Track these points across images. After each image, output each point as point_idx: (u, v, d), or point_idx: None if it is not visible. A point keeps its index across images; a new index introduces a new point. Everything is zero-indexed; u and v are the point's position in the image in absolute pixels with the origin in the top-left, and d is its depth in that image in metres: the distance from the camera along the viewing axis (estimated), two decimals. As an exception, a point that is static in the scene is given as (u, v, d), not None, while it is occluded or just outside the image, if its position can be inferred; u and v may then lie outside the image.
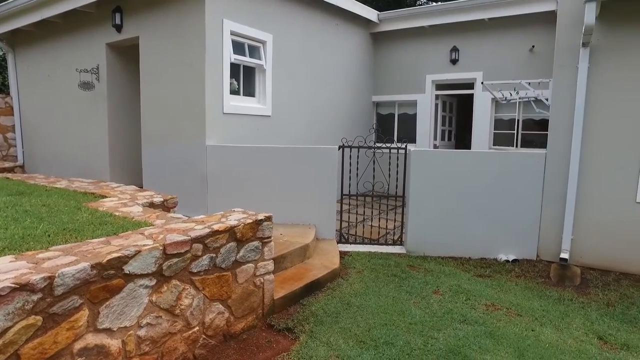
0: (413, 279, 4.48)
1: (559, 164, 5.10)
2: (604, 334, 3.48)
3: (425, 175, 5.31)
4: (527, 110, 8.40)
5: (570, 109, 4.99)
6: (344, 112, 8.99)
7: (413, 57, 9.46)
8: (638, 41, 4.69)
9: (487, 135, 8.70)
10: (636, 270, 4.84)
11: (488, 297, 4.09)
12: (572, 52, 5.02)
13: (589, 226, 5.02)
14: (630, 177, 4.80)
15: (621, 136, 4.82)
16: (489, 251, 5.35)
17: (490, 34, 8.60)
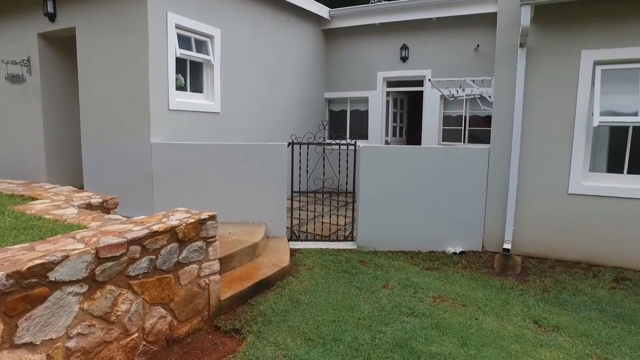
0: (363, 274, 4.52)
1: (501, 159, 5.32)
2: (539, 318, 3.66)
3: (375, 171, 5.36)
4: (473, 107, 8.73)
5: (510, 106, 5.21)
6: (296, 109, 8.93)
7: (364, 54, 9.56)
8: (566, 43, 4.96)
9: (436, 131, 8.95)
10: (568, 257, 5.14)
11: (435, 289, 4.19)
12: (511, 52, 5.24)
13: (529, 217, 5.28)
14: (563, 170, 5.08)
15: (555, 132, 5.09)
16: (438, 244, 5.50)
17: (438, 33, 8.84)
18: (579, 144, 4.99)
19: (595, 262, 5.04)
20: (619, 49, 4.79)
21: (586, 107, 4.93)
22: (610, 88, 4.88)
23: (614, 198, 4.92)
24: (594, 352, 3.18)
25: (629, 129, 4.99)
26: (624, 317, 3.80)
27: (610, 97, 4.88)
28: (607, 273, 4.78)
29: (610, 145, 5.16)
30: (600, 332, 3.48)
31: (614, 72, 4.87)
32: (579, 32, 4.93)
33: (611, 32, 4.81)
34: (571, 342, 3.31)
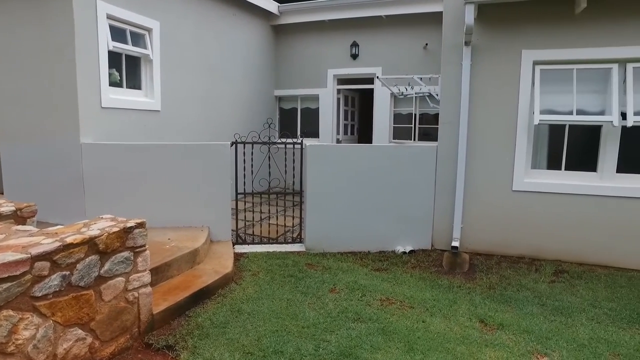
0: (310, 278, 4.36)
1: (448, 156, 5.33)
2: (484, 317, 3.65)
3: (322, 170, 5.22)
4: (423, 105, 8.80)
5: (457, 103, 5.23)
6: (245, 107, 8.64)
7: (315, 51, 9.41)
8: (508, 42, 5.04)
9: (387, 129, 8.96)
10: (513, 252, 5.24)
11: (383, 291, 4.10)
12: (456, 50, 5.25)
13: (476, 214, 5.33)
14: (507, 167, 5.16)
15: (499, 129, 5.16)
16: (388, 243, 5.44)
17: (388, 31, 8.85)
18: (521, 142, 5.08)
19: (537, 256, 5.17)
20: (555, 50, 4.91)
21: (527, 105, 5.03)
22: (549, 87, 5.00)
23: (553, 194, 5.06)
24: (534, 349, 3.18)
25: (565, 127, 5.14)
26: (562, 310, 3.87)
27: (549, 96, 5.00)
28: (548, 267, 4.90)
29: (549, 143, 5.30)
30: (541, 327, 3.52)
31: (552, 72, 4.99)
32: (519, 32, 5.02)
33: (548, 33, 4.92)
34: (514, 339, 3.30)
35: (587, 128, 5.09)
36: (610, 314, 3.84)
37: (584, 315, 3.79)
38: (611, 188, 4.89)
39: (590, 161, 5.08)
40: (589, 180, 5.03)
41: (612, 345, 3.29)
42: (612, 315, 3.81)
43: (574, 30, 4.84)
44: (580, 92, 4.89)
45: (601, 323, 3.66)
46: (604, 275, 4.71)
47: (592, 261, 5.01)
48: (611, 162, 4.95)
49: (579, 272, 4.78)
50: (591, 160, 5.07)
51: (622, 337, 3.43)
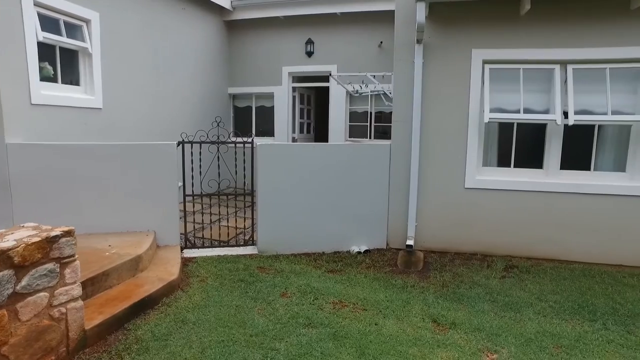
0: (261, 282, 4.19)
1: (402, 155, 5.31)
2: (437, 316, 3.63)
3: (274, 170, 5.05)
4: (378, 103, 8.82)
5: (409, 101, 5.21)
6: (197, 105, 8.32)
7: (269, 48, 9.21)
8: (459, 41, 5.07)
9: (343, 127, 8.91)
10: (466, 249, 5.30)
11: (336, 294, 4.00)
12: (408, 48, 5.23)
13: (430, 212, 5.34)
14: (460, 165, 5.21)
15: (451, 127, 5.19)
16: (343, 244, 5.36)
17: (343, 29, 8.79)
18: (472, 140, 5.14)
19: (490, 252, 5.25)
20: (503, 49, 5.00)
21: (478, 103, 5.09)
22: (498, 86, 5.08)
23: (503, 190, 5.15)
24: (485, 347, 3.18)
25: (514, 125, 5.25)
26: (512, 305, 3.92)
27: (498, 95, 5.08)
28: (499, 262, 4.99)
29: (499, 141, 5.39)
30: (491, 323, 3.53)
31: (500, 71, 5.08)
32: (469, 31, 5.06)
33: (496, 33, 5.00)
34: (466, 338, 3.29)
35: (533, 126, 5.22)
36: (555, 306, 3.93)
37: (532, 309, 3.86)
38: (556, 184, 5.04)
39: (537, 158, 5.21)
40: (536, 176, 5.16)
41: (556, 337, 3.36)
42: (557, 308, 3.90)
43: (520, 31, 4.94)
44: (526, 92, 5.00)
45: (547, 316, 3.73)
46: (550, 269, 4.84)
47: (539, 255, 5.15)
48: (555, 159, 5.10)
49: (528, 267, 4.89)
50: (538, 158, 5.21)
51: (564, 328, 3.51)
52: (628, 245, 4.98)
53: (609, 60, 4.82)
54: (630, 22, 4.72)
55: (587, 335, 3.41)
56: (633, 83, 4.89)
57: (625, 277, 4.69)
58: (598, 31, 4.79)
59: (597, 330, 3.53)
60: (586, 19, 4.79)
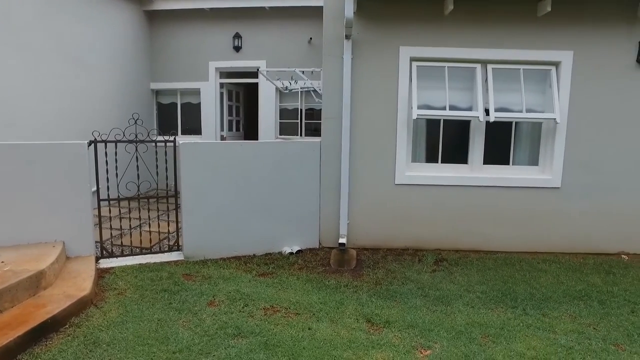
0: (187, 291, 3.89)
1: (332, 152, 5.23)
2: (371, 316, 3.59)
3: (199, 170, 4.73)
4: (309, 100, 8.73)
5: (339, 98, 5.14)
6: (114, 101, 7.66)
7: (195, 41, 8.74)
8: (387, 38, 5.10)
9: (273, 124, 8.70)
10: (398, 245, 5.36)
11: (268, 299, 3.81)
12: (337, 43, 5.16)
13: (361, 209, 5.33)
14: (390, 161, 5.25)
15: (381, 124, 5.21)
16: (275, 245, 5.17)
17: (272, 23, 8.57)
18: (402, 136, 5.19)
19: (420, 247, 5.35)
20: (430, 47, 5.10)
21: (406, 100, 5.15)
22: (425, 83, 5.18)
23: (432, 186, 5.27)
24: (418, 343, 3.18)
25: (441, 122, 5.39)
26: (442, 299, 4.00)
27: (426, 92, 5.19)
28: (430, 256, 5.10)
29: (427, 137, 5.51)
30: (424, 319, 3.56)
31: (427, 68, 5.18)
32: (397, 28, 5.10)
33: (423, 31, 5.08)
34: (400, 336, 3.27)
35: (459, 123, 5.40)
36: (481, 297, 4.07)
37: (461, 301, 3.96)
38: (479, 178, 5.26)
39: (462, 154, 5.40)
40: (462, 171, 5.35)
41: (483, 327, 3.46)
42: (483, 298, 4.04)
43: (444, 30, 5.07)
44: (452, 89, 5.15)
45: (475, 307, 3.84)
46: (476, 260, 5.04)
47: (466, 247, 5.35)
48: (479, 154, 5.32)
49: (456, 259, 5.05)
50: (463, 153, 5.40)
51: (491, 317, 3.63)
52: (541, 233, 5.33)
53: (522, 62, 5.11)
54: (537, 28, 5.04)
55: (510, 322, 3.56)
56: (542, 84, 5.22)
57: (539, 262, 5.02)
58: (512, 34, 5.05)
59: (518, 316, 3.69)
60: (502, 22, 5.03)
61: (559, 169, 5.22)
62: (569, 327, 3.53)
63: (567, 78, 5.08)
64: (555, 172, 5.22)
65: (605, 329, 3.53)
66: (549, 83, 5.15)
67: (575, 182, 5.25)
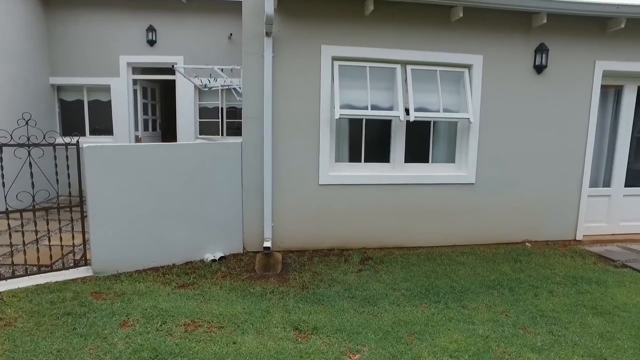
0: (95, 312, 3.49)
1: (254, 153, 5.04)
2: (298, 323, 3.48)
3: (109, 175, 4.29)
4: (230, 99, 8.41)
5: (260, 97, 4.97)
6: (4, 98, 6.74)
7: (103, 33, 8.00)
8: (309, 36, 5.02)
9: (192, 124, 8.26)
10: (324, 245, 5.33)
11: (188, 313, 3.55)
12: (258, 40, 4.97)
13: (286, 211, 5.21)
14: (313, 161, 5.18)
15: (304, 124, 5.12)
16: (196, 252, 4.88)
17: (190, 17, 8.11)
18: (324, 136, 5.15)
19: (346, 246, 5.37)
20: (351, 47, 5.10)
21: (329, 100, 5.11)
22: (347, 83, 5.19)
23: (355, 185, 5.31)
24: (347, 348, 3.14)
25: (363, 122, 5.44)
26: (369, 299, 4.01)
27: (348, 92, 5.19)
28: (355, 256, 5.13)
29: (350, 137, 5.54)
30: (351, 322, 3.53)
31: (349, 68, 5.18)
32: (319, 27, 5.03)
33: (345, 31, 5.07)
34: (328, 342, 3.21)
35: (381, 122, 5.48)
36: (406, 294, 4.15)
37: (387, 300, 4.00)
38: (401, 177, 5.39)
39: (384, 153, 5.50)
40: (384, 170, 5.45)
41: (409, 325, 3.51)
42: (408, 295, 4.12)
43: (366, 30, 5.10)
44: (373, 89, 5.21)
45: (400, 305, 3.90)
46: (400, 257, 5.17)
47: (390, 244, 5.47)
48: (400, 153, 5.45)
49: (381, 257, 5.13)
50: (385, 152, 5.50)
51: (415, 314, 3.71)
52: (459, 227, 5.61)
53: (439, 64, 5.31)
54: (451, 32, 5.27)
55: (433, 318, 3.66)
56: (457, 85, 5.48)
57: (458, 255, 5.27)
58: (429, 37, 5.23)
59: (441, 310, 3.82)
60: (419, 25, 5.19)
61: (473, 166, 5.52)
62: (485, 316, 3.72)
63: (478, 80, 5.38)
64: (470, 168, 5.52)
65: (515, 315, 3.77)
66: (463, 84, 5.42)
67: (487, 178, 5.60)
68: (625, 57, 5.76)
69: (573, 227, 5.99)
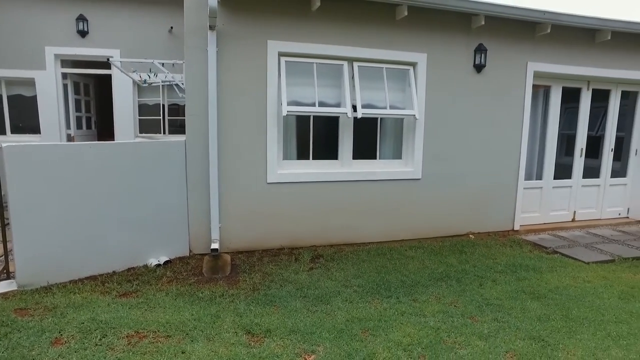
0: (20, 331, 3.15)
1: (199, 151, 4.83)
2: (251, 326, 3.37)
3: (34, 178, 3.90)
4: (172, 95, 8.04)
5: (204, 93, 4.75)
6: None
7: (24, 21, 7.33)
8: (254, 31, 4.88)
9: (132, 122, 7.80)
10: (274, 245, 5.23)
11: (132, 323, 3.31)
12: (201, 34, 4.74)
13: (234, 211, 5.04)
14: (261, 159, 5.06)
15: (250, 121, 4.98)
16: (138, 257, 4.59)
17: (127, 8, 7.64)
18: (272, 133, 5.04)
19: (296, 245, 5.30)
20: (298, 43, 5.03)
21: (276, 96, 5.00)
22: (295, 79, 5.11)
23: (304, 183, 5.25)
24: (302, 349, 3.08)
25: (311, 119, 5.39)
26: (322, 297, 3.98)
27: (295, 88, 5.11)
28: (306, 254, 5.07)
29: (298, 134, 5.47)
30: (305, 322, 3.47)
31: (296, 64, 5.11)
32: (264, 21, 4.90)
33: (291, 26, 4.99)
34: (282, 344, 3.12)
35: (328, 119, 5.46)
36: (359, 290, 4.16)
37: (340, 297, 3.98)
38: (349, 173, 5.41)
39: (333, 150, 5.49)
40: (333, 167, 5.44)
41: (363, 321, 3.51)
42: (360, 292, 4.13)
43: (313, 26, 5.05)
44: (321, 86, 5.17)
45: (353, 302, 3.90)
46: (350, 253, 5.18)
47: (341, 241, 5.48)
48: (348, 150, 5.46)
49: (332, 254, 5.12)
50: (334, 149, 5.49)
51: (368, 311, 3.72)
52: (407, 222, 5.74)
53: (385, 61, 5.38)
54: (397, 30, 5.36)
55: (386, 313, 3.69)
56: (403, 82, 5.59)
57: (407, 250, 5.39)
58: (375, 34, 5.28)
59: (393, 305, 3.86)
60: (366, 22, 5.22)
61: (419, 162, 5.66)
62: (436, 308, 3.81)
63: (422, 78, 5.51)
64: (416, 164, 5.65)
65: (463, 305, 3.90)
66: (409, 82, 5.53)
67: (432, 173, 5.77)
68: (551, 59, 6.17)
69: (511, 218, 6.34)
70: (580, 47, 6.31)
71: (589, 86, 6.74)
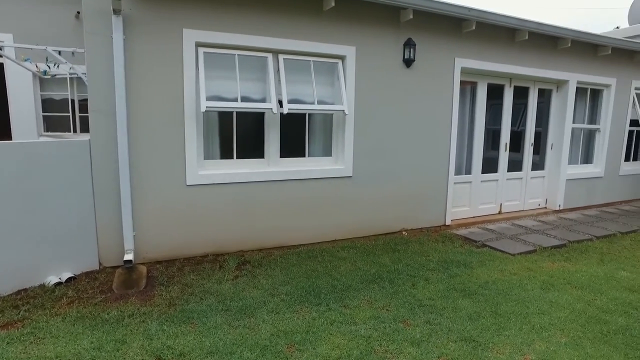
0: None
1: (107, 152, 4.27)
2: (162, 351, 2.96)
3: None
4: (82, 89, 7.21)
5: (110, 86, 4.20)
6: None
7: None
8: (168, 17, 4.39)
9: (34, 118, 6.90)
10: (197, 252, 4.80)
11: (10, 360, 2.78)
12: (104, 19, 4.18)
13: (150, 217, 4.54)
14: (179, 160, 4.60)
15: (166, 118, 4.50)
16: (33, 276, 3.96)
17: (21, -11, 6.71)
18: (190, 131, 4.59)
19: (221, 251, 4.91)
20: (218, 32, 4.61)
21: (194, 91, 4.56)
22: (215, 72, 4.70)
23: (228, 184, 4.86)
24: (220, 373, 2.74)
25: (234, 115, 5.00)
26: (246, 309, 3.64)
27: (216, 82, 4.71)
28: (232, 260, 4.70)
29: (220, 131, 5.06)
30: (225, 340, 3.13)
31: (216, 56, 4.70)
32: (179, 7, 4.43)
33: (210, 13, 4.56)
34: (196, 370, 2.76)
35: (253, 115, 5.11)
36: (286, 299, 3.88)
37: (265, 308, 3.67)
38: (277, 172, 5.10)
39: (258, 148, 5.15)
40: (259, 166, 5.10)
41: (289, 335, 3.23)
42: (288, 300, 3.85)
43: (234, 14, 4.65)
44: (244, 80, 4.80)
45: (280, 312, 3.61)
46: (280, 257, 4.89)
47: (270, 245, 5.16)
48: (275, 147, 5.14)
49: (260, 260, 4.79)
50: (259, 147, 5.15)
51: (296, 322, 3.44)
52: (338, 221, 5.55)
53: (312, 54, 5.12)
54: (324, 22, 5.12)
55: (315, 323, 3.44)
56: (331, 76, 5.37)
57: (339, 250, 5.20)
58: (302, 25, 4.99)
59: (322, 313, 3.62)
60: (291, 12, 4.92)
61: (350, 159, 5.48)
62: (367, 314, 3.63)
63: (352, 72, 5.32)
64: (347, 161, 5.46)
65: (395, 308, 3.75)
66: (337, 76, 5.31)
67: (364, 170, 5.62)
68: (477, 56, 6.27)
69: (443, 213, 6.38)
70: (503, 45, 6.47)
71: (511, 83, 6.97)
